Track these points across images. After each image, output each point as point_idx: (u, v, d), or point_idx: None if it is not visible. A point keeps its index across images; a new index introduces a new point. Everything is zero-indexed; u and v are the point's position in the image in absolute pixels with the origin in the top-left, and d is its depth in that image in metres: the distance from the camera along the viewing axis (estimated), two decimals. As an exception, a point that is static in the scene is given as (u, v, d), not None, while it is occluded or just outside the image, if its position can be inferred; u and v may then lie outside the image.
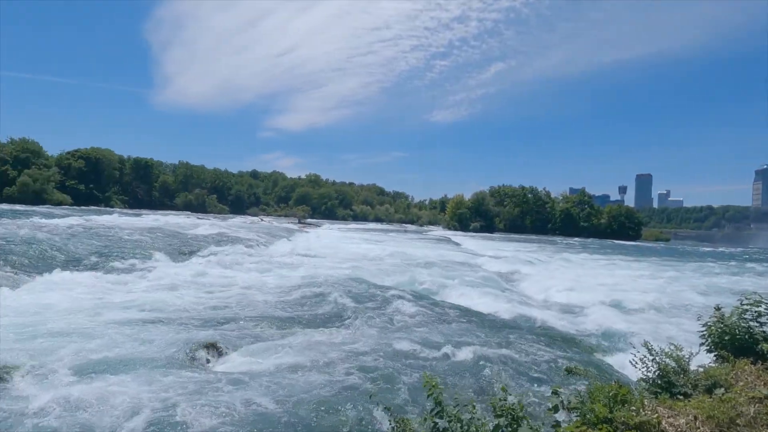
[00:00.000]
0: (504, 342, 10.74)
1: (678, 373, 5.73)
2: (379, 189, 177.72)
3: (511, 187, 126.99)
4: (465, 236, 79.12)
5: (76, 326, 9.71)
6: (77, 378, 7.11)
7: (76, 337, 8.98)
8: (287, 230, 52.49)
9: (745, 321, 6.52)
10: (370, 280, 19.24)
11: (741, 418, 3.91)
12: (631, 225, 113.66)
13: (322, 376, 7.86)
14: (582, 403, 3.96)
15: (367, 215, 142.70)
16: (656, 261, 41.26)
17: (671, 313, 15.92)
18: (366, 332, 11.14)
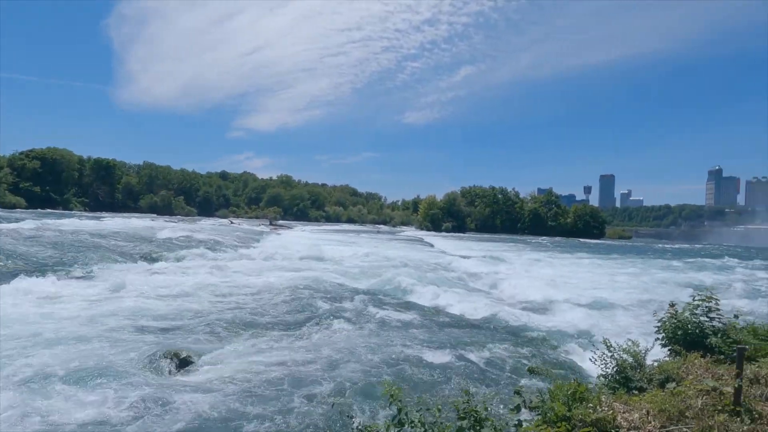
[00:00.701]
0: (473, 342, 10.89)
1: (635, 368, 5.97)
2: (352, 190, 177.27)
3: (482, 188, 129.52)
4: (437, 236, 79.94)
5: (24, 339, 9.17)
6: (23, 394, 6.70)
7: (23, 351, 8.48)
8: (258, 232, 51.50)
9: (696, 316, 6.87)
10: (342, 282, 19.12)
11: (690, 410, 4.10)
12: (596, 224, 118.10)
13: (288, 382, 7.73)
14: (543, 402, 4.06)
15: (340, 216, 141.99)
16: (619, 258, 42.98)
17: (634, 309, 16.58)
18: (336, 336, 11.05)
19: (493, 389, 7.75)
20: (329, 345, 10.19)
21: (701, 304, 6.94)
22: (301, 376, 8.06)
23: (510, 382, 7.85)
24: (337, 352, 9.55)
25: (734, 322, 6.82)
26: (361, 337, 11.03)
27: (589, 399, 4.08)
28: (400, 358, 9.37)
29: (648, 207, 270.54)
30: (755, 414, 4.10)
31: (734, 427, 3.92)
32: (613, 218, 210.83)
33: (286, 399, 7.08)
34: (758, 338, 6.28)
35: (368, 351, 9.73)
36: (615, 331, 12.34)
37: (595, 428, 3.70)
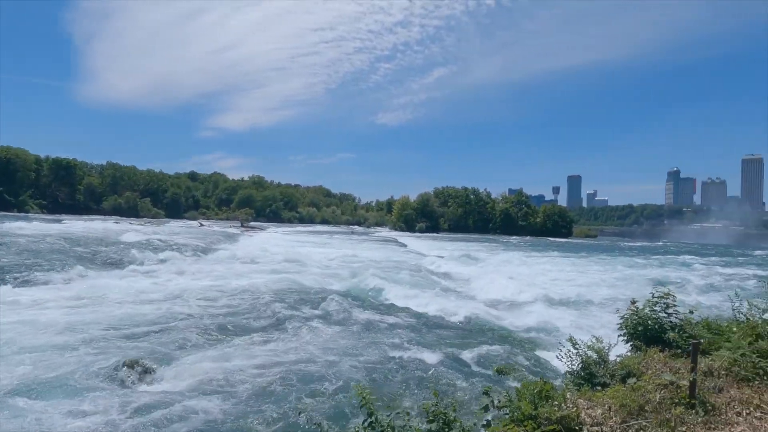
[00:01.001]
0: (445, 343, 10.99)
1: (599, 364, 6.14)
2: (326, 191, 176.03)
3: (455, 189, 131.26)
4: (411, 237, 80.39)
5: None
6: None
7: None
8: (229, 234, 50.32)
9: (656, 312, 7.15)
10: (315, 285, 18.92)
11: (649, 404, 4.26)
12: (564, 223, 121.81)
13: (256, 389, 7.55)
14: (510, 402, 4.12)
15: (314, 217, 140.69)
16: (586, 257, 44.45)
17: (600, 306, 17.14)
18: (307, 340, 10.89)
19: (463, 389, 7.83)
20: (300, 348, 10.04)
21: (660, 300, 7.22)
22: (270, 381, 7.90)
23: (480, 382, 7.95)
24: (309, 355, 9.43)
25: (690, 317, 7.13)
26: (333, 340, 10.92)
27: (554, 397, 4.17)
28: (372, 360, 9.33)
29: (612, 207, 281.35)
30: (708, 406, 4.30)
31: (689, 420, 4.09)
32: (580, 218, 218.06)
33: (252, 407, 6.91)
34: (711, 332, 6.59)
35: (340, 354, 9.65)
36: (582, 328, 12.76)
37: (560, 426, 3.78)
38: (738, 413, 4.25)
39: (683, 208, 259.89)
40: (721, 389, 4.76)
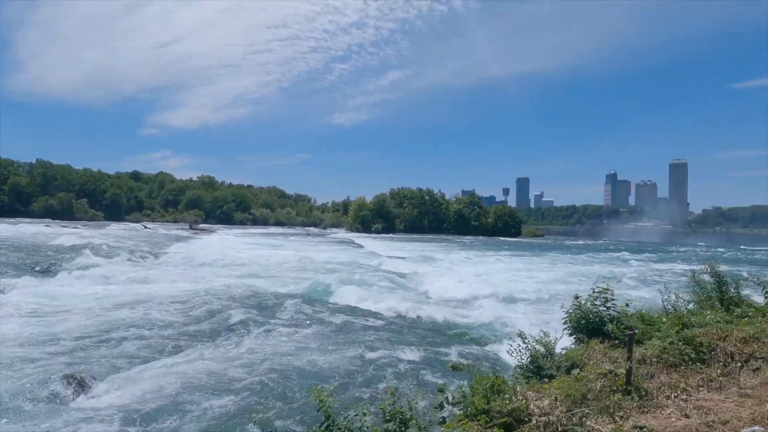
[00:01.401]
0: (402, 342, 11.11)
1: (546, 357, 6.47)
2: (280, 191, 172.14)
3: (410, 190, 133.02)
4: (367, 238, 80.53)
5: None
6: None
7: None
8: (176, 237, 47.92)
9: (596, 306, 7.64)
10: (268, 288, 18.46)
11: (590, 393, 4.55)
12: (514, 223, 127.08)
13: (205, 399, 7.25)
14: (464, 397, 4.24)
15: (268, 219, 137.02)
16: (535, 255, 46.67)
17: (548, 301, 18.02)
18: (261, 345, 10.61)
19: (420, 387, 7.96)
20: (254, 353, 9.76)
21: (600, 295, 7.73)
22: (222, 389, 7.61)
23: (436, 380, 8.12)
24: (264, 361, 9.18)
25: (626, 310, 7.69)
26: (289, 344, 10.72)
27: (505, 390, 4.35)
28: (329, 362, 9.26)
29: (558, 207, 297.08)
30: (642, 391, 4.66)
31: (626, 405, 4.41)
32: (529, 218, 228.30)
33: (200, 418, 6.63)
34: (645, 323, 7.15)
35: (295, 357, 9.49)
36: (532, 323, 13.34)
37: (510, 418, 3.94)
38: (667, 396, 4.64)
39: (620, 208, 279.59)
40: (653, 375, 5.18)
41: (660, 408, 4.42)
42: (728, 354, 5.60)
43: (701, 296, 8.63)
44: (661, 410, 4.38)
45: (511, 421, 3.96)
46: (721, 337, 5.88)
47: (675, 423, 4.05)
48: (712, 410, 4.25)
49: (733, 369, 5.33)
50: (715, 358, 5.57)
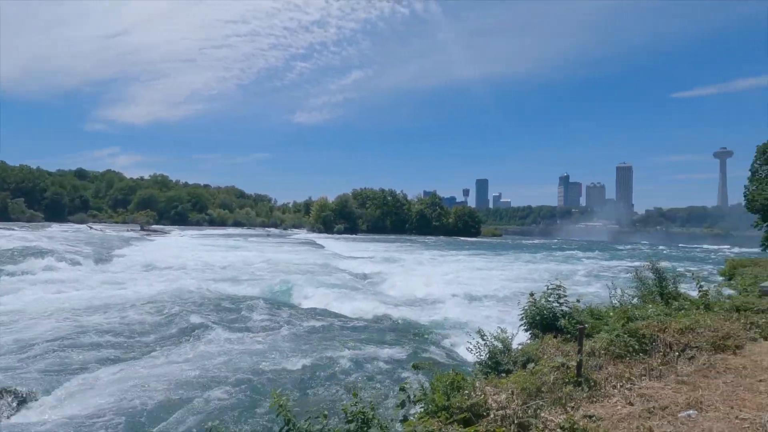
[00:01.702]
0: (364, 343, 11.11)
1: (503, 352, 6.69)
2: (239, 191, 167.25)
3: (373, 190, 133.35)
4: (330, 238, 79.89)
5: None
6: None
7: None
8: (125, 239, 45.42)
9: (550, 303, 8.00)
10: (226, 291, 17.89)
11: (545, 386, 4.75)
12: (473, 224, 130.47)
13: (158, 409, 6.92)
14: (425, 395, 4.31)
15: (226, 220, 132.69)
16: (494, 254, 48.10)
17: (506, 299, 18.57)
18: (217, 351, 10.25)
19: (383, 387, 8.00)
20: (209, 359, 9.42)
21: (553, 292, 8.10)
22: (178, 398, 7.29)
23: (398, 378, 8.19)
24: (219, 367, 8.88)
25: (577, 305, 8.11)
26: (248, 348, 10.43)
27: (465, 386, 4.46)
28: (290, 365, 9.09)
29: (515, 208, 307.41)
30: (591, 382, 4.93)
31: (577, 396, 4.65)
32: (487, 218, 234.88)
33: (151, 427, 6.33)
34: (594, 317, 7.57)
35: (256, 361, 9.25)
36: (492, 320, 13.74)
37: (469, 413, 4.05)
38: (613, 386, 4.93)
39: (572, 208, 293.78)
40: (601, 367, 5.49)
41: (607, 397, 4.69)
42: (667, 344, 6.03)
43: (644, 291, 9.23)
44: (608, 399, 4.64)
45: (470, 416, 4.06)
46: (661, 329, 6.32)
47: (620, 411, 4.31)
48: (653, 397, 4.57)
49: (671, 358, 5.75)
50: (656, 349, 5.98)
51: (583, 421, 4.00)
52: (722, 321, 6.79)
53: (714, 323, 6.57)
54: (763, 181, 34.99)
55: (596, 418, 4.09)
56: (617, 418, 4.11)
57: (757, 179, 35.81)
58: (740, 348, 5.97)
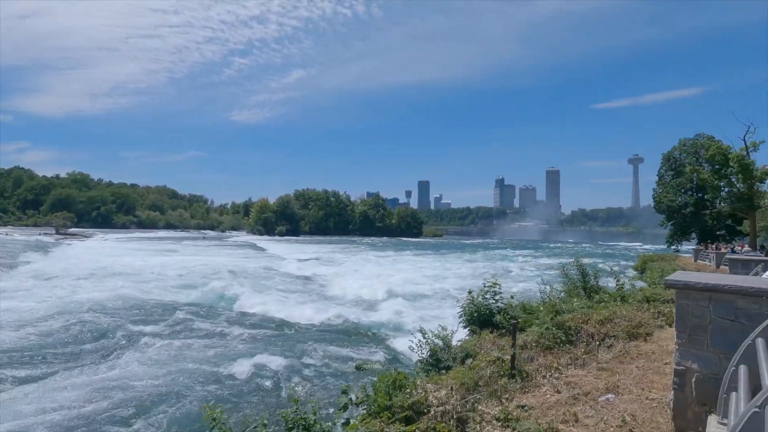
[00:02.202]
0: (306, 347, 10.89)
1: (444, 349, 6.89)
2: (172, 191, 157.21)
3: (316, 191, 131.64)
4: (271, 240, 77.64)
5: None
6: None
7: None
8: (39, 244, 40.88)
9: (486, 300, 8.38)
10: (157, 298, 16.72)
11: (482, 380, 4.95)
12: (416, 224, 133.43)
13: (82, 426, 6.31)
14: (367, 396, 4.32)
15: (157, 222, 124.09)
16: (435, 254, 49.43)
17: (447, 297, 19.15)
18: (148, 360, 9.54)
19: (325, 391, 7.90)
20: (138, 371, 8.74)
21: (490, 289, 8.49)
22: (102, 414, 6.68)
23: (341, 381, 8.13)
24: (149, 378, 8.27)
25: (511, 302, 8.56)
26: (180, 358, 9.81)
27: (407, 385, 4.52)
28: (226, 374, 8.69)
29: (455, 209, 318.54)
30: (524, 374, 5.22)
31: (511, 387, 4.90)
32: (429, 219, 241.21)
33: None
34: (526, 312, 8.03)
35: (189, 372, 8.73)
36: (434, 318, 14.07)
37: (411, 411, 4.12)
38: (543, 376, 5.26)
39: (507, 209, 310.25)
40: (532, 358, 5.83)
41: (538, 387, 4.99)
42: (590, 335, 6.54)
43: (570, 286, 9.95)
44: (538, 389, 4.94)
45: (412, 414, 4.13)
46: (584, 321, 6.85)
47: (549, 399, 4.61)
48: (578, 384, 4.93)
49: (593, 347, 6.24)
50: (580, 339, 6.47)
51: (517, 411, 4.22)
52: (635, 311, 7.50)
53: (629, 313, 7.24)
54: (667, 185, 39.35)
55: (528, 408, 4.34)
56: (546, 406, 4.38)
57: (662, 183, 40.22)
58: (650, 335, 6.63)
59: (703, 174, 25.82)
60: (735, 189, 23.39)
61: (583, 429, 3.79)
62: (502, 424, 3.93)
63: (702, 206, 35.23)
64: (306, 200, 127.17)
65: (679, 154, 39.02)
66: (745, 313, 3.03)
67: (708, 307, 3.17)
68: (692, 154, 36.65)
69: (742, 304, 3.04)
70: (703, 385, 3.16)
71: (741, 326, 2.99)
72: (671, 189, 38.77)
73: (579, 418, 4.01)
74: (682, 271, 4.02)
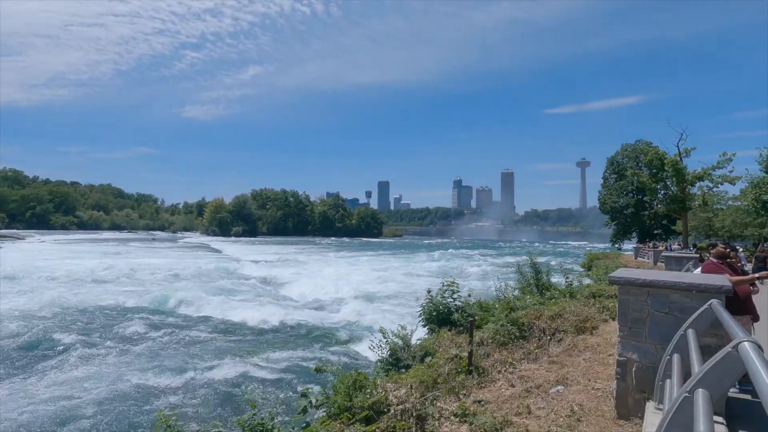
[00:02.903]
0: (263, 350, 10.64)
1: (404, 349, 6.96)
2: (117, 190, 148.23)
3: (274, 191, 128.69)
4: (226, 242, 75.09)
5: None
6: None
7: None
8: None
9: (445, 299, 8.56)
10: (95, 303, 15.68)
11: (441, 377, 5.06)
12: (376, 224, 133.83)
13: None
14: (327, 398, 4.28)
15: (101, 223, 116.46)
16: (395, 254, 49.79)
17: (407, 296, 19.31)
18: (96, 370, 8.96)
19: (285, 394, 7.75)
20: (78, 384, 8.17)
21: (448, 288, 8.68)
22: (49, 426, 6.18)
23: (301, 384, 8.00)
24: (91, 390, 7.75)
25: (468, 300, 8.79)
26: (131, 366, 9.28)
27: (367, 385, 4.53)
28: (180, 381, 8.31)
29: (414, 209, 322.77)
30: (480, 369, 5.38)
31: (468, 383, 5.04)
32: (389, 219, 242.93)
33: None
34: (483, 310, 8.28)
35: (141, 380, 8.27)
36: (393, 318, 14.18)
37: (371, 411, 4.13)
38: (499, 371, 5.45)
39: (464, 210, 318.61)
40: (488, 354, 6.02)
41: (493, 382, 5.17)
42: (542, 330, 6.85)
43: (523, 283, 10.37)
44: (494, 384, 5.12)
45: (372, 414, 4.15)
46: (537, 317, 7.16)
47: (504, 393, 4.78)
48: (530, 378, 5.15)
49: (545, 342, 6.54)
50: (532, 334, 6.76)
51: (474, 406, 4.35)
52: (583, 306, 7.94)
53: (577, 309, 7.65)
54: (611, 187, 42.00)
55: (484, 402, 4.48)
56: (501, 400, 4.55)
57: (606, 186, 42.90)
58: (596, 329, 7.04)
59: (642, 177, 27.73)
60: (670, 191, 25.30)
61: (535, 420, 3.97)
62: (459, 419, 4.04)
63: (641, 207, 37.87)
64: (264, 200, 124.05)
65: (621, 159, 41.78)
66: (678, 306, 3.30)
67: (646, 301, 3.42)
68: (633, 159, 39.35)
69: (675, 299, 3.31)
70: (642, 374, 3.40)
71: (675, 318, 3.25)
72: (614, 191, 41.42)
73: (531, 410, 4.19)
74: (624, 269, 4.31)
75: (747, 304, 4.10)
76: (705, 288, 3.15)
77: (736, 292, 3.90)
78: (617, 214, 41.28)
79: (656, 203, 31.85)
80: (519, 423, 3.89)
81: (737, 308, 3.95)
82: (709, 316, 2.78)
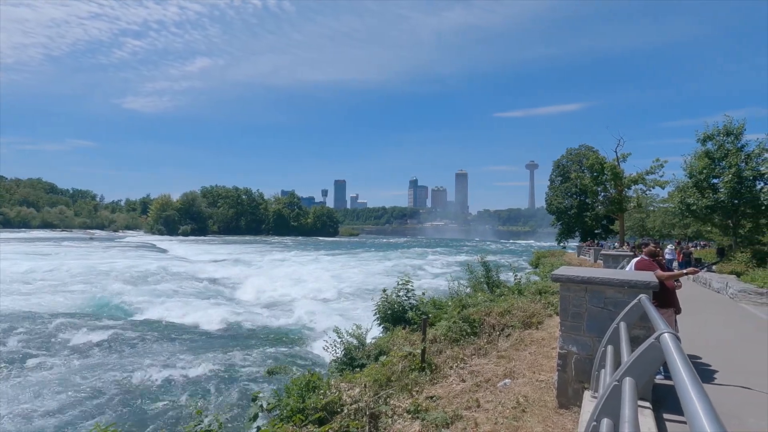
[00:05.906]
0: (213, 354, 10.25)
1: (358, 348, 6.99)
2: (49, 185, 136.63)
3: (225, 188, 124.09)
4: (173, 241, 71.46)
5: None
6: None
7: None
8: None
9: (400, 297, 8.68)
10: (21, 308, 14.41)
11: (394, 375, 5.13)
12: (332, 223, 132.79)
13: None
14: (279, 401, 4.21)
15: (30, 220, 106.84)
16: (351, 253, 49.62)
17: (363, 296, 19.30)
18: (27, 381, 8.21)
19: (235, 398, 7.51)
20: (15, 392, 7.47)
21: (403, 287, 8.81)
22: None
23: (252, 387, 7.79)
24: (30, 400, 7.12)
25: (422, 298, 8.97)
26: (64, 374, 8.59)
27: (320, 386, 4.50)
28: (119, 388, 7.82)
29: (371, 208, 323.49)
30: (433, 366, 5.51)
31: (421, 380, 5.14)
32: (345, 218, 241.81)
33: None
34: (436, 308, 8.48)
35: (76, 390, 7.69)
36: (348, 318, 14.14)
37: (324, 411, 4.11)
38: (450, 367, 5.60)
39: (420, 209, 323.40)
40: (441, 351, 6.17)
41: (445, 378, 5.31)
42: (491, 326, 7.11)
43: (474, 282, 10.71)
44: (446, 379, 5.25)
45: (326, 415, 4.13)
46: (487, 313, 7.42)
47: (455, 388, 4.92)
48: (480, 372, 5.34)
49: (494, 337, 6.80)
50: (483, 331, 7.00)
51: (426, 402, 4.44)
52: (530, 303, 8.32)
53: (524, 305, 8.01)
54: (557, 189, 44.35)
55: (436, 398, 4.59)
56: (453, 395, 4.68)
57: (553, 187, 45.26)
58: (541, 324, 7.41)
59: (585, 180, 29.48)
60: (608, 194, 27.08)
61: (484, 413, 4.12)
62: (412, 415, 4.11)
63: (584, 208, 40.25)
64: (214, 198, 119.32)
65: (566, 162, 44.23)
66: (612, 301, 3.55)
67: (584, 297, 3.65)
68: (576, 162, 41.77)
69: (610, 294, 3.56)
70: (581, 365, 3.63)
71: (609, 313, 3.50)
72: (560, 193, 43.78)
73: (480, 404, 4.35)
74: (565, 266, 4.57)
75: (672, 298, 4.49)
76: (635, 284, 3.42)
77: (664, 286, 4.28)
78: (562, 214, 43.64)
79: (597, 204, 34.01)
80: (468, 417, 4.02)
81: (663, 301, 4.32)
82: (638, 310, 3.02)
